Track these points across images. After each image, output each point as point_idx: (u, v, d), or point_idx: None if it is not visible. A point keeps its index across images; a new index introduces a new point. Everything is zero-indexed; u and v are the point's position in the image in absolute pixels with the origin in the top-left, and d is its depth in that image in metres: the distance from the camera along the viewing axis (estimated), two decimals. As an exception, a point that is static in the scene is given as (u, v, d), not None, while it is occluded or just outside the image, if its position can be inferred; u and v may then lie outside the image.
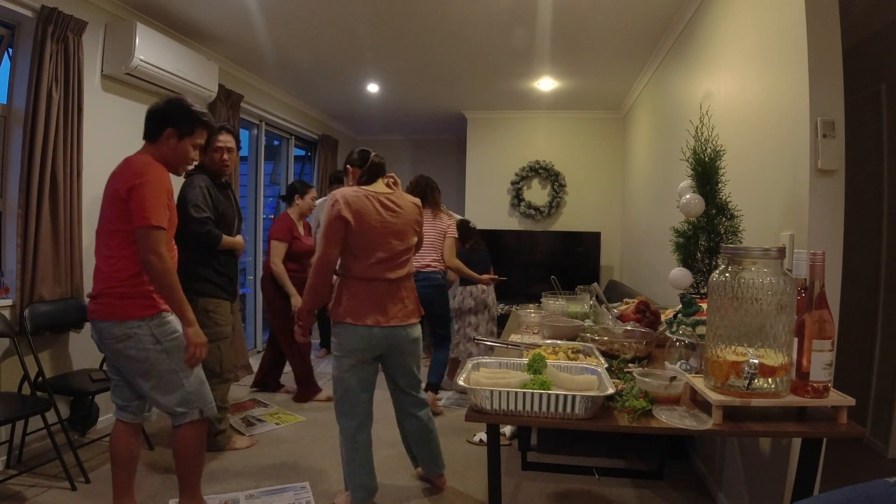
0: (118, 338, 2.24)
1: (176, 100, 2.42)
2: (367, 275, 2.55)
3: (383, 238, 2.57)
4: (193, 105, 2.41)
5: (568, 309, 2.93)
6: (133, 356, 2.25)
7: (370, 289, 2.56)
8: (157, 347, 2.26)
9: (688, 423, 1.49)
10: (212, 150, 3.22)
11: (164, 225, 2.23)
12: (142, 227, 2.18)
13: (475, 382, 1.63)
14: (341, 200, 2.51)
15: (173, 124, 2.32)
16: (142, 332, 2.24)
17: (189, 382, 2.33)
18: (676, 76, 3.99)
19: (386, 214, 2.58)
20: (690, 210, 2.52)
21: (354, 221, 2.50)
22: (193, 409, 2.34)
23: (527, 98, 6.14)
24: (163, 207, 2.23)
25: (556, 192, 6.86)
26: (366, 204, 2.54)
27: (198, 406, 2.36)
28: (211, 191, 3.15)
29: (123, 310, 2.24)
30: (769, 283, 1.45)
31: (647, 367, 1.98)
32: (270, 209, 6.96)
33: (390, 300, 2.59)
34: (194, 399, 2.35)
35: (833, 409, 1.53)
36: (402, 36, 4.33)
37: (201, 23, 4.08)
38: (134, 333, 2.24)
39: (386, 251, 2.57)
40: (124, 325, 2.23)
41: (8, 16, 3.13)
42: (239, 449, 3.38)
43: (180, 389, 2.31)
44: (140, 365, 2.26)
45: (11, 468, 2.99)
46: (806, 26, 2.03)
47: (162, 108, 2.36)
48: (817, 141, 1.99)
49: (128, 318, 2.23)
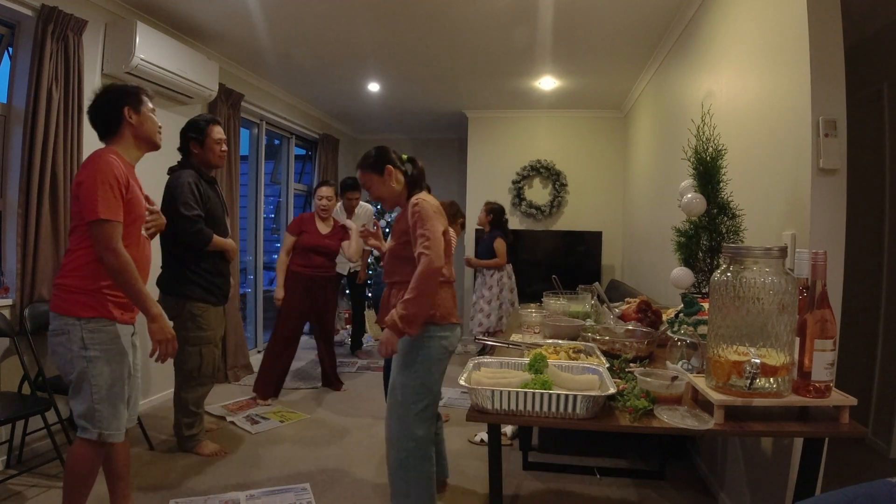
0: (53, 331, 2.17)
1: (109, 87, 2.37)
2: (452, 276, 2.52)
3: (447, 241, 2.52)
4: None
5: (569, 308, 2.93)
6: (59, 353, 2.16)
7: (451, 290, 2.54)
8: (81, 352, 2.13)
9: (689, 423, 1.48)
10: (212, 142, 3.18)
11: (117, 218, 2.12)
12: (92, 221, 2.08)
13: (476, 382, 1.62)
14: (438, 211, 2.42)
15: (125, 103, 2.25)
16: (73, 332, 2.13)
17: (98, 399, 2.16)
18: (678, 75, 3.99)
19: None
20: (692, 209, 2.51)
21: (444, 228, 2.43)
22: (93, 429, 2.16)
23: (528, 97, 6.14)
24: (114, 199, 2.11)
25: (557, 192, 6.85)
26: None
27: (99, 428, 2.16)
28: (199, 186, 3.12)
29: (66, 303, 2.15)
30: (771, 283, 1.45)
31: (648, 366, 1.97)
32: (271, 209, 6.96)
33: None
34: (98, 419, 2.16)
35: (835, 408, 1.52)
36: (403, 35, 4.32)
37: (202, 22, 4.08)
38: (67, 330, 2.14)
39: (448, 254, 2.54)
40: (60, 320, 2.15)
41: (8, 15, 3.13)
42: (204, 455, 3.25)
43: (87, 402, 2.15)
44: (63, 364, 2.17)
45: (11, 468, 2.98)
46: (808, 25, 2.03)
47: (105, 98, 2.27)
48: (819, 140, 1.98)
49: (65, 313, 2.14)
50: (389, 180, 2.50)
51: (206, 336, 3.19)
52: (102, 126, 2.27)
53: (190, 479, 2.97)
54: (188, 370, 3.20)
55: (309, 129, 6.77)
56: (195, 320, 3.14)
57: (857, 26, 3.19)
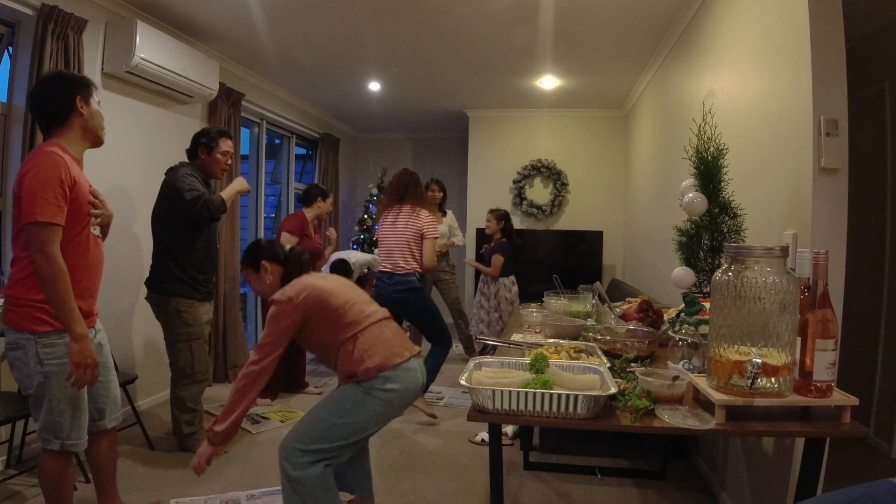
0: (9, 344, 2.09)
1: (57, 74, 2.32)
2: (367, 319, 2.35)
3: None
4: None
5: (570, 308, 2.92)
6: (17, 367, 2.10)
7: (382, 330, 2.38)
8: (38, 367, 2.06)
9: (690, 423, 1.48)
10: (218, 152, 3.29)
11: (56, 221, 1.98)
12: (29, 223, 1.95)
13: (477, 382, 1.62)
14: (292, 310, 2.23)
15: (77, 92, 2.13)
16: (28, 347, 2.06)
17: (58, 412, 2.10)
18: (679, 74, 3.98)
19: None
20: (693, 209, 2.51)
21: None
22: (55, 440, 2.11)
23: (529, 96, 6.13)
24: (56, 202, 1.98)
25: (558, 191, 6.85)
26: None
27: (61, 438, 2.11)
28: (196, 175, 3.22)
29: (17, 317, 2.05)
30: (772, 283, 1.44)
31: (649, 366, 1.97)
32: (271, 208, 6.95)
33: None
34: (58, 430, 2.11)
35: (836, 408, 1.52)
36: (404, 34, 4.32)
37: (202, 21, 4.07)
38: (22, 345, 2.06)
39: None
40: (14, 334, 2.07)
41: (8, 14, 3.13)
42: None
43: (48, 415, 2.10)
44: (21, 378, 2.11)
45: (11, 468, 2.98)
46: (809, 24, 2.02)
47: (54, 85, 2.14)
48: (820, 139, 1.98)
49: (18, 327, 2.06)
50: (265, 276, 2.38)
51: (194, 331, 3.23)
52: (49, 116, 2.12)
53: (190, 478, 2.96)
54: (181, 367, 3.23)
55: (309, 128, 6.76)
56: (181, 316, 3.19)
57: (858, 25, 3.18)
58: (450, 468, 3.08)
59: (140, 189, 3.88)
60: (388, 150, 8.43)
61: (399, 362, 2.19)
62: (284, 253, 2.42)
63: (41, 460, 2.16)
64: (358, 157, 8.52)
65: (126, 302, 3.90)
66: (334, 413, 2.16)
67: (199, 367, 3.27)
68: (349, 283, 2.42)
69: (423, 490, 2.94)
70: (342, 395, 2.19)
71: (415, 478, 3.06)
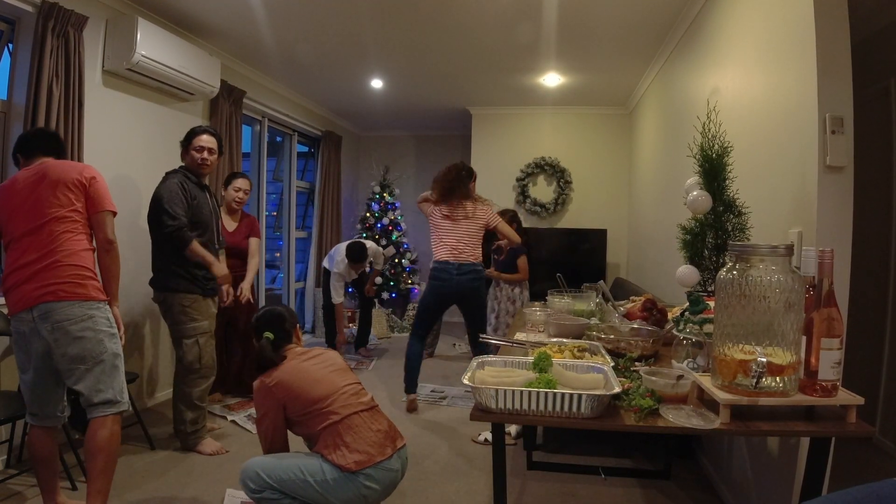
0: (72, 318, 2.30)
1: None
2: (349, 408, 2.38)
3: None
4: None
5: (574, 307, 2.90)
6: (87, 337, 2.33)
7: (361, 423, 2.39)
8: (110, 331, 2.41)
9: (695, 423, 1.47)
10: (191, 148, 3.28)
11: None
12: (109, 211, 2.48)
13: (480, 381, 1.61)
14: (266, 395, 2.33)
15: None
16: (98, 315, 2.37)
17: (123, 373, 2.48)
18: (683, 72, 3.96)
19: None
20: (697, 207, 2.49)
21: None
22: (123, 402, 2.43)
23: (532, 94, 6.11)
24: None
25: (561, 189, 6.83)
26: None
27: (127, 400, 2.47)
28: (186, 185, 3.20)
29: (84, 289, 2.34)
30: (777, 281, 1.43)
31: (653, 365, 1.95)
32: (273, 206, 6.95)
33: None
34: (124, 391, 2.46)
35: (842, 408, 1.50)
36: (407, 31, 4.30)
37: (203, 18, 4.06)
38: (91, 314, 2.34)
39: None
40: (81, 306, 2.32)
41: (8, 11, 3.12)
42: (205, 454, 3.26)
43: (119, 377, 2.44)
44: (91, 347, 2.34)
45: (11, 468, 2.99)
46: (814, 21, 2.01)
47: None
48: (826, 137, 1.96)
49: (86, 298, 2.34)
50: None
51: (201, 326, 3.24)
52: (59, 149, 2.54)
53: (191, 478, 2.96)
54: (188, 362, 3.22)
55: (311, 126, 6.75)
56: (186, 312, 3.20)
57: (864, 22, 3.16)
58: (453, 468, 3.07)
59: (140, 188, 3.87)
60: (391, 148, 8.41)
61: (380, 461, 2.19)
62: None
63: (108, 428, 2.34)
64: (360, 154, 8.51)
65: (125, 300, 3.88)
66: (314, 474, 2.14)
67: (206, 362, 3.27)
68: (343, 370, 2.40)
69: (426, 490, 2.93)
70: (332, 465, 2.17)
71: (417, 478, 3.05)
